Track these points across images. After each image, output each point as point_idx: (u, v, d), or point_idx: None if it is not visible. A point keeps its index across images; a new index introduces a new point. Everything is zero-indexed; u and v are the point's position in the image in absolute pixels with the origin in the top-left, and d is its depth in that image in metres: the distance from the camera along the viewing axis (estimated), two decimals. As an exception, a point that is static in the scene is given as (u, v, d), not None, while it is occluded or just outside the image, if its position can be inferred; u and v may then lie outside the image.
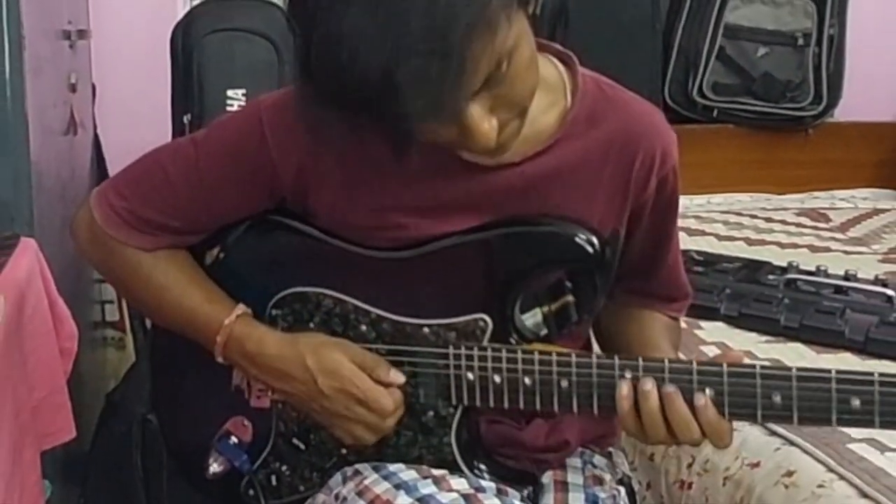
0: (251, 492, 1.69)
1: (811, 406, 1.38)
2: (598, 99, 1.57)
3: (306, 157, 1.53)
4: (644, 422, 1.44)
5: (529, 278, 1.53)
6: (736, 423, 1.46)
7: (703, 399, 1.41)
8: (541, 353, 1.49)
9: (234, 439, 1.69)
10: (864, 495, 1.86)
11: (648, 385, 1.43)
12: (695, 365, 1.43)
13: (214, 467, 1.70)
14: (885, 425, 1.37)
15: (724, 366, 1.41)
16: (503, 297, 1.52)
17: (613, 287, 1.63)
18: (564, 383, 1.48)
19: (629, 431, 1.48)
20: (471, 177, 1.53)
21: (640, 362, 1.45)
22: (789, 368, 1.39)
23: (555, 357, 1.48)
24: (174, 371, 1.78)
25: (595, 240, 1.50)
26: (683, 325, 1.79)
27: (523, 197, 1.55)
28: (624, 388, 1.44)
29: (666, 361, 1.44)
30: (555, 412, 1.53)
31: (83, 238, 1.68)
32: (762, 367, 1.41)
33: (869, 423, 1.37)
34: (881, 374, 1.35)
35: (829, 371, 1.37)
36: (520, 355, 1.50)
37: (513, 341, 1.53)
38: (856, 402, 1.35)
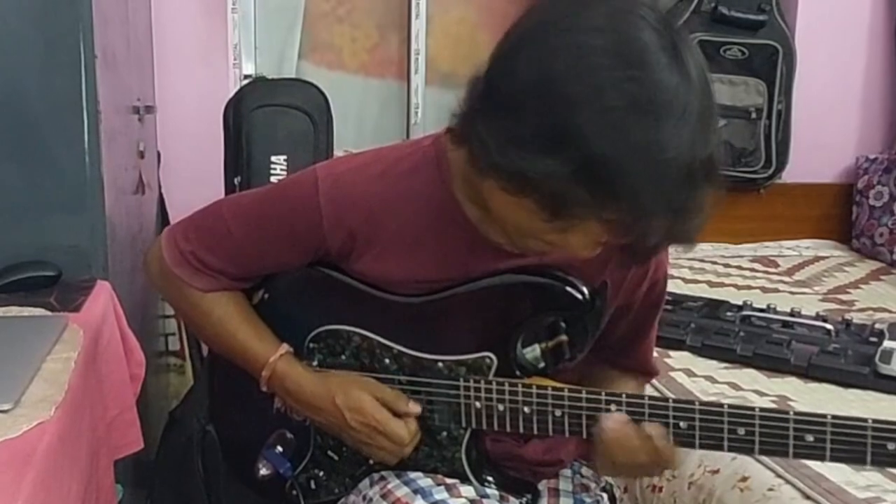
0: (294, 492, 1.70)
1: (770, 440, 1.38)
2: None
3: (356, 227, 1.51)
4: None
5: (529, 322, 1.52)
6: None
7: (659, 428, 1.42)
8: (538, 387, 1.50)
9: (279, 448, 1.69)
10: (807, 497, 1.88)
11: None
12: (671, 402, 1.43)
13: (263, 471, 1.70)
14: (835, 459, 1.36)
15: (696, 403, 1.42)
16: (507, 338, 1.52)
17: (593, 354, 1.60)
18: (558, 413, 1.49)
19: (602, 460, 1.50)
20: (498, 258, 1.49)
21: (624, 398, 1.45)
22: (753, 408, 1.39)
23: (550, 391, 1.49)
24: (230, 389, 1.78)
25: (585, 289, 1.49)
26: (655, 353, 1.79)
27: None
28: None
29: (646, 398, 1.44)
30: (550, 435, 1.53)
31: (153, 272, 1.67)
32: (729, 405, 1.40)
33: (820, 457, 1.36)
34: (833, 416, 1.35)
35: (787, 412, 1.38)
36: (520, 389, 1.50)
37: (517, 374, 1.52)
38: (809, 438, 1.35)
